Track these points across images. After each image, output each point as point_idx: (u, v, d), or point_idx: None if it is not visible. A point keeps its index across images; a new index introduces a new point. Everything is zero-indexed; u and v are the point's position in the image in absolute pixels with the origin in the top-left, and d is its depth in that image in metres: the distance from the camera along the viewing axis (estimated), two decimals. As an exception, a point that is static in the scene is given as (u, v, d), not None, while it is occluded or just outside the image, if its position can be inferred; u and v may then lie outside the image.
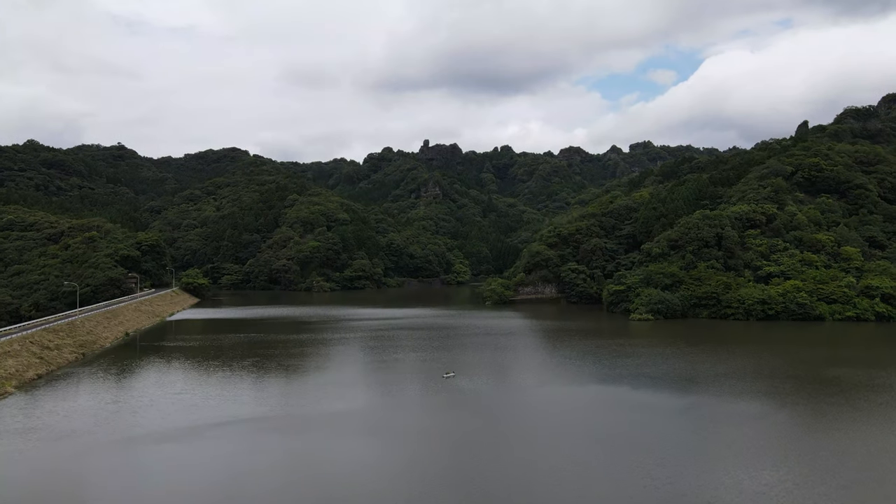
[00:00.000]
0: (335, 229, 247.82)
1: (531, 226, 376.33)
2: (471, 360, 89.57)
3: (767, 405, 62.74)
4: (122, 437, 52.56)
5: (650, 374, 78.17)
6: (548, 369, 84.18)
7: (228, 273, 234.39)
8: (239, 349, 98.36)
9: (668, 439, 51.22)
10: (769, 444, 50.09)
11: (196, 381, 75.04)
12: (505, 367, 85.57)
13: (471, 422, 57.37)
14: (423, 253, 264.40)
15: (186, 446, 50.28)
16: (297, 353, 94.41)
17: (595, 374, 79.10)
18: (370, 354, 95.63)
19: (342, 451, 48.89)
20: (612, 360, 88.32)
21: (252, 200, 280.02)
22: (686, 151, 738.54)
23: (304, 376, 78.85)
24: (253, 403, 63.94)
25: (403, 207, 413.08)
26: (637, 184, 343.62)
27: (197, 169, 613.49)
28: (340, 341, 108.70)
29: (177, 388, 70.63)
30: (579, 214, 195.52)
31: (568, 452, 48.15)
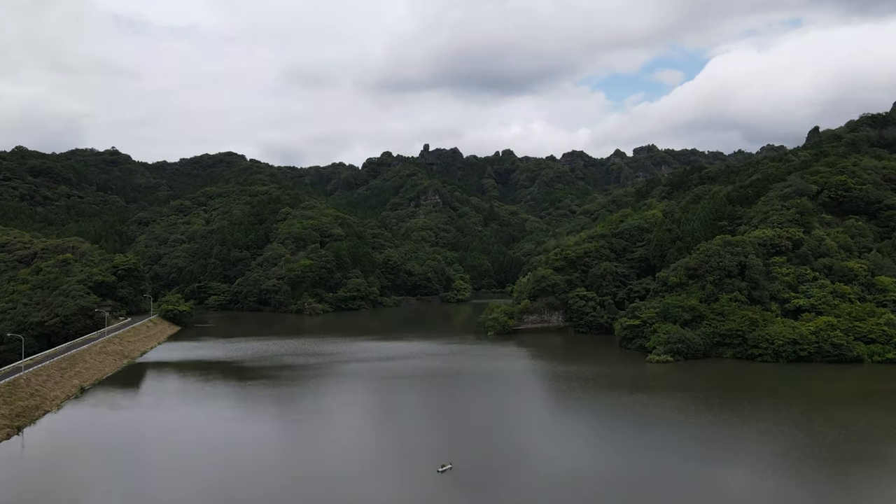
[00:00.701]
0: (329, 246, 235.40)
1: (534, 236, 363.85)
2: (472, 434, 77.01)
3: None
4: None
5: (678, 450, 65.35)
6: (560, 450, 71.30)
7: (215, 293, 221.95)
8: (203, 420, 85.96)
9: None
10: None
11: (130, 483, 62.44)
12: (509, 452, 72.74)
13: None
14: (422, 269, 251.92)
15: None
16: (272, 418, 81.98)
17: (612, 463, 66.14)
18: (352, 430, 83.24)
19: None
20: (632, 433, 75.60)
21: (242, 214, 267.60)
22: (691, 156, 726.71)
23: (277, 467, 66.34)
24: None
25: (402, 216, 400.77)
26: (644, 193, 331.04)
27: (192, 174, 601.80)
28: (320, 399, 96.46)
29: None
30: (588, 235, 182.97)
31: None
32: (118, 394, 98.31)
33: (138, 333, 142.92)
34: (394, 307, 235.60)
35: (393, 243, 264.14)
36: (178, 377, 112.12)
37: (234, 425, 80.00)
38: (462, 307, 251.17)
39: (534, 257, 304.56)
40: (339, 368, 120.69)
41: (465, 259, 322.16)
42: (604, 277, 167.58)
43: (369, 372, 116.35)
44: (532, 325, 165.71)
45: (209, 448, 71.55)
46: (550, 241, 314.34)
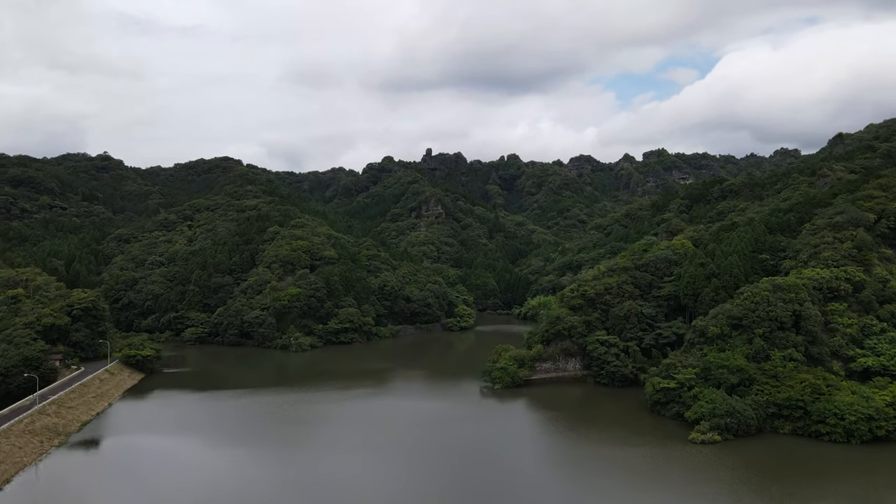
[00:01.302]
0: (320, 270, 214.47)
1: (542, 252, 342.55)
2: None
3: None
4: None
5: None
6: None
7: (193, 324, 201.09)
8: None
9: None
10: None
11: None
12: None
13: None
14: (421, 295, 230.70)
15: None
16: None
17: None
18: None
19: None
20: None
21: (227, 233, 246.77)
22: (702, 160, 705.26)
23: None
24: None
25: (402, 228, 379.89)
26: (661, 207, 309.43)
27: (187, 180, 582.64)
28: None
29: None
30: (608, 267, 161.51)
31: None
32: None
33: (86, 392, 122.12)
34: (391, 338, 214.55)
35: (390, 264, 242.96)
36: (108, 471, 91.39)
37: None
38: (465, 336, 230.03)
39: (542, 277, 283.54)
40: (321, 438, 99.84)
41: (468, 277, 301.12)
42: (627, 319, 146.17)
43: (361, 456, 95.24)
44: (546, 375, 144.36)
45: None
46: (559, 259, 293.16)
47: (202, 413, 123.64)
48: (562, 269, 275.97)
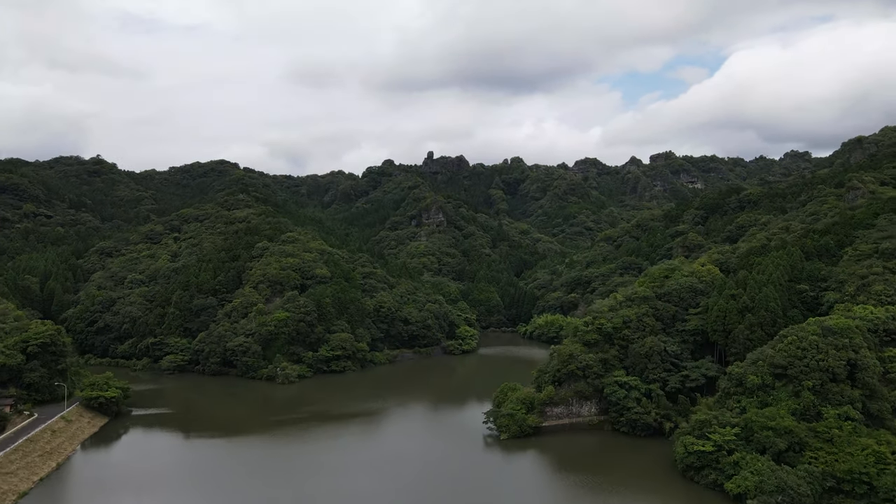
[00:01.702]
0: (311, 291, 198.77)
1: (548, 263, 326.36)
2: None
3: None
4: None
5: None
6: None
7: (173, 351, 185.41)
8: None
9: None
10: None
11: None
12: None
13: None
14: (421, 316, 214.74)
15: None
16: None
17: None
18: None
19: None
20: None
21: (214, 248, 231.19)
22: (710, 162, 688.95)
23: None
24: None
25: (402, 238, 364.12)
26: (675, 218, 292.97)
27: (181, 184, 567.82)
28: None
29: None
30: (626, 296, 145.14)
31: None
32: None
33: (32, 449, 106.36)
34: (387, 364, 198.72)
35: (387, 282, 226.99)
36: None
37: None
38: (468, 360, 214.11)
39: (549, 293, 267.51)
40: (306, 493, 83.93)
41: (471, 292, 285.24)
42: (649, 357, 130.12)
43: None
44: (558, 422, 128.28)
45: None
46: (566, 273, 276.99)
47: (173, 468, 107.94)
48: (570, 285, 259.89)
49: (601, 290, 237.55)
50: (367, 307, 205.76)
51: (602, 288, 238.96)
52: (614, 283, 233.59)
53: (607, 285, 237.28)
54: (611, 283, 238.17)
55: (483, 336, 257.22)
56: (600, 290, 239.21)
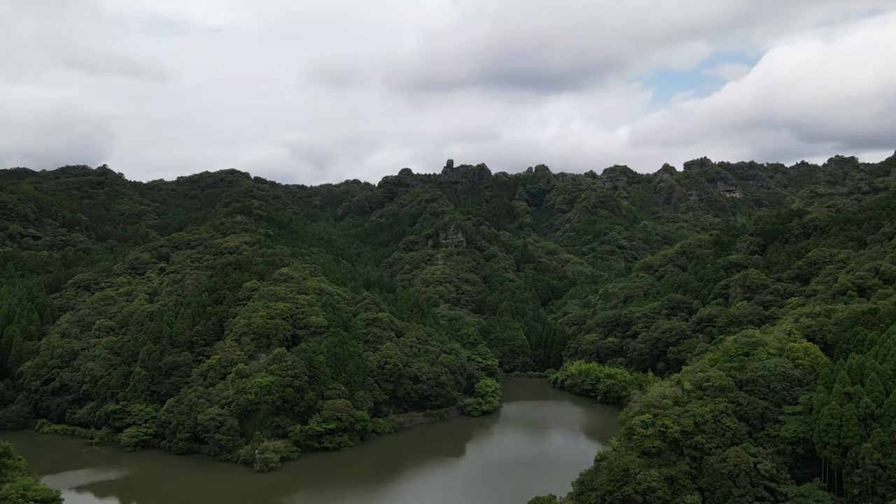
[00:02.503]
0: (303, 346, 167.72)
1: (579, 291, 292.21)
2: None
3: None
4: None
5: None
6: None
7: (136, 422, 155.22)
8: None
9: None
10: None
11: None
12: None
13: None
14: (433, 372, 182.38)
15: None
16: None
17: None
18: None
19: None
20: None
21: (196, 287, 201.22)
22: (748, 169, 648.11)
23: None
24: None
25: (417, 260, 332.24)
26: (726, 245, 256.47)
27: (189, 195, 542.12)
28: None
29: None
30: (694, 384, 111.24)
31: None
32: None
33: None
34: (392, 434, 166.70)
35: (393, 328, 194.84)
36: None
37: None
38: (489, 425, 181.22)
39: (583, 335, 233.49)
40: None
41: (492, 329, 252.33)
42: (734, 478, 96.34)
43: None
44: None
45: None
46: (601, 309, 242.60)
47: None
48: (607, 326, 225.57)
49: (644, 337, 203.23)
50: (370, 363, 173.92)
51: (646, 333, 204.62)
52: (661, 330, 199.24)
53: (652, 330, 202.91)
54: (656, 327, 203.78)
55: (506, 382, 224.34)
56: (644, 335, 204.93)
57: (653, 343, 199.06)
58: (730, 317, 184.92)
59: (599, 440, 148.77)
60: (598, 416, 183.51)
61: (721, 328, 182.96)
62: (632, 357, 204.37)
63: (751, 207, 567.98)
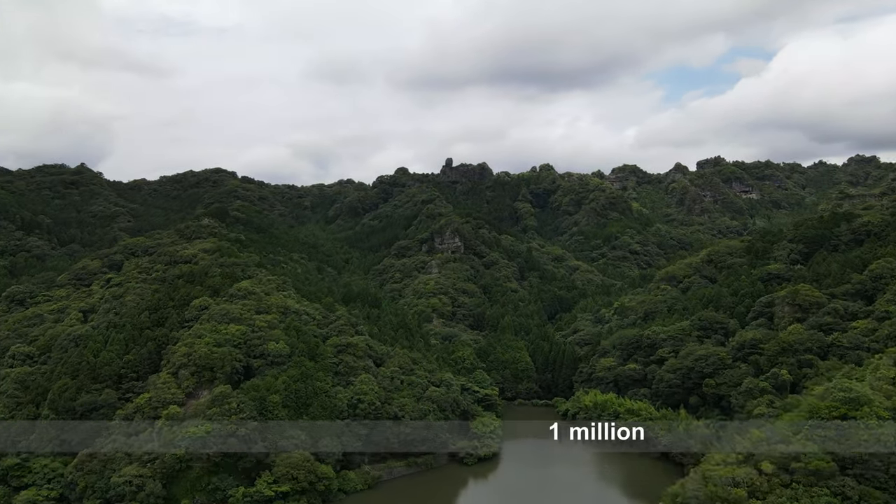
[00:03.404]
0: (254, 382, 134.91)
1: (589, 304, 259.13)
2: None
3: None
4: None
5: None
6: None
7: (38, 481, 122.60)
8: None
9: None
10: None
11: None
12: None
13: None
14: (419, 409, 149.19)
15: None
16: None
17: None
18: None
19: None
20: None
21: (136, 306, 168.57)
22: (765, 169, 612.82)
23: None
24: None
25: (409, 268, 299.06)
26: (761, 253, 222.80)
27: (171, 196, 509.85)
28: None
29: None
30: (774, 463, 78.04)
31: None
32: None
33: None
34: (365, 493, 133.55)
35: (371, 354, 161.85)
36: None
37: None
38: (488, 472, 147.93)
39: (598, 358, 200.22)
40: None
41: (492, 350, 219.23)
42: None
43: None
44: None
45: None
46: (618, 327, 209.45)
47: None
48: (626, 349, 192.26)
49: (673, 365, 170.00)
50: (340, 402, 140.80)
51: (675, 360, 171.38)
52: (694, 357, 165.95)
53: (683, 357, 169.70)
54: (687, 352, 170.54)
55: (508, 413, 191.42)
56: (672, 362, 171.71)
57: (684, 373, 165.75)
58: (781, 344, 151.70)
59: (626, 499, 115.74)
60: (621, 465, 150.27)
61: (771, 358, 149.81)
62: (658, 388, 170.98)
63: (768, 209, 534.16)
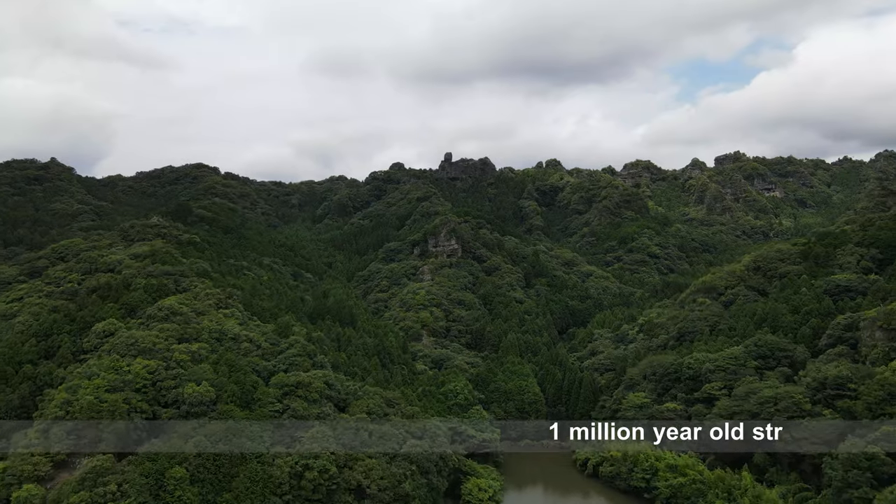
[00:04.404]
0: (157, 443, 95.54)
1: (607, 317, 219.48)
2: None
3: None
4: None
5: None
6: None
7: None
8: None
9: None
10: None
11: None
12: None
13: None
14: (391, 475, 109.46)
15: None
16: None
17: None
18: None
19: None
20: None
21: (22, 332, 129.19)
22: (787, 165, 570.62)
23: None
24: None
25: (398, 274, 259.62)
26: (823, 260, 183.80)
27: (147, 193, 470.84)
28: None
29: None
30: None
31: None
32: None
33: None
34: None
35: (331, 395, 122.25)
36: None
37: None
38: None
39: (625, 393, 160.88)
40: None
41: (492, 377, 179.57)
42: None
43: None
44: None
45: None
46: (648, 351, 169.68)
47: None
48: (661, 381, 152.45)
49: (728, 408, 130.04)
50: (278, 472, 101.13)
51: (728, 402, 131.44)
52: (757, 399, 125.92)
53: (740, 398, 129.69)
54: (744, 388, 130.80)
55: (511, 461, 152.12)
56: (724, 404, 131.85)
57: (745, 420, 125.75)
58: (882, 384, 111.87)
59: None
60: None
61: (872, 406, 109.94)
62: (708, 438, 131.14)
63: (794, 208, 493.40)
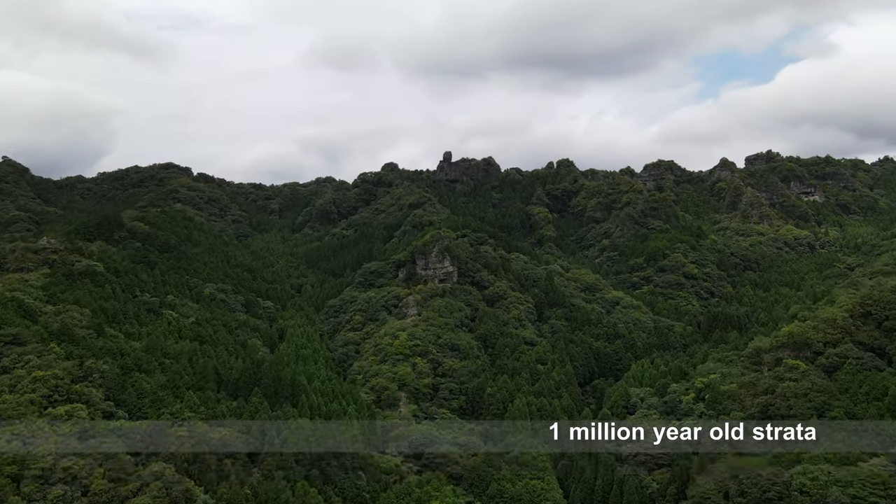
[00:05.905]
0: None
1: (645, 368, 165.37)
2: None
3: None
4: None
5: None
6: None
7: None
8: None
9: None
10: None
11: None
12: None
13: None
14: None
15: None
16: None
17: None
18: None
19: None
20: None
21: None
22: (825, 166, 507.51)
23: None
24: None
25: (376, 307, 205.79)
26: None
27: (108, 196, 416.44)
28: None
29: None
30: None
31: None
32: None
33: None
34: None
35: None
36: None
37: None
38: None
39: None
40: None
41: (491, 477, 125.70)
42: None
43: None
44: None
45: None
46: (730, 457, 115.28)
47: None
48: (754, 501, 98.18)
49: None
50: None
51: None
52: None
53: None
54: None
55: None
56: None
57: None
58: None
59: None
60: None
61: None
62: None
63: (838, 215, 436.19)
